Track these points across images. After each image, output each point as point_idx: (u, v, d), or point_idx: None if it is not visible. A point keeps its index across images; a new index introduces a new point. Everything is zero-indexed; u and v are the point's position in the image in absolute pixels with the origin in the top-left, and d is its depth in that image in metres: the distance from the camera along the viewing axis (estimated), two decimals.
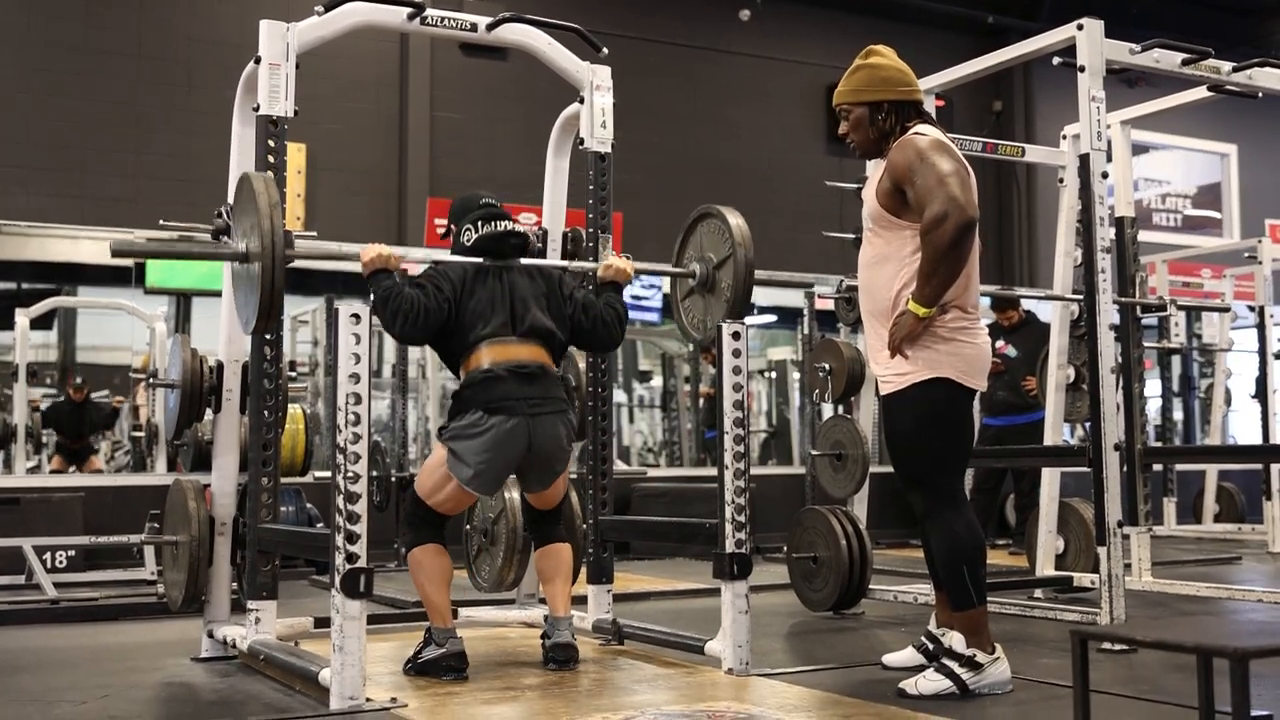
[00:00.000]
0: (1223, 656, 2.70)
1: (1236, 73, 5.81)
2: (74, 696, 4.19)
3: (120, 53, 11.52)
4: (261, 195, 4.10)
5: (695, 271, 4.93)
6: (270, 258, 4.04)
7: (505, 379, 4.35)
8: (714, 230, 4.87)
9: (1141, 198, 16.03)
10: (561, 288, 4.68)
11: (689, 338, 5.06)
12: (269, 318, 4.19)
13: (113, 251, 4.19)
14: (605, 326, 4.69)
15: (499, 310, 4.45)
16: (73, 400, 11.15)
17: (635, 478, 10.52)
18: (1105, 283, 5.14)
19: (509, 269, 4.56)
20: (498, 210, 4.64)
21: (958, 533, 3.96)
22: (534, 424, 4.35)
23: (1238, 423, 14.07)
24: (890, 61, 4.19)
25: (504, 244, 4.56)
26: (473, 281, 4.49)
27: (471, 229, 4.57)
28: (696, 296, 4.98)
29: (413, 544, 4.45)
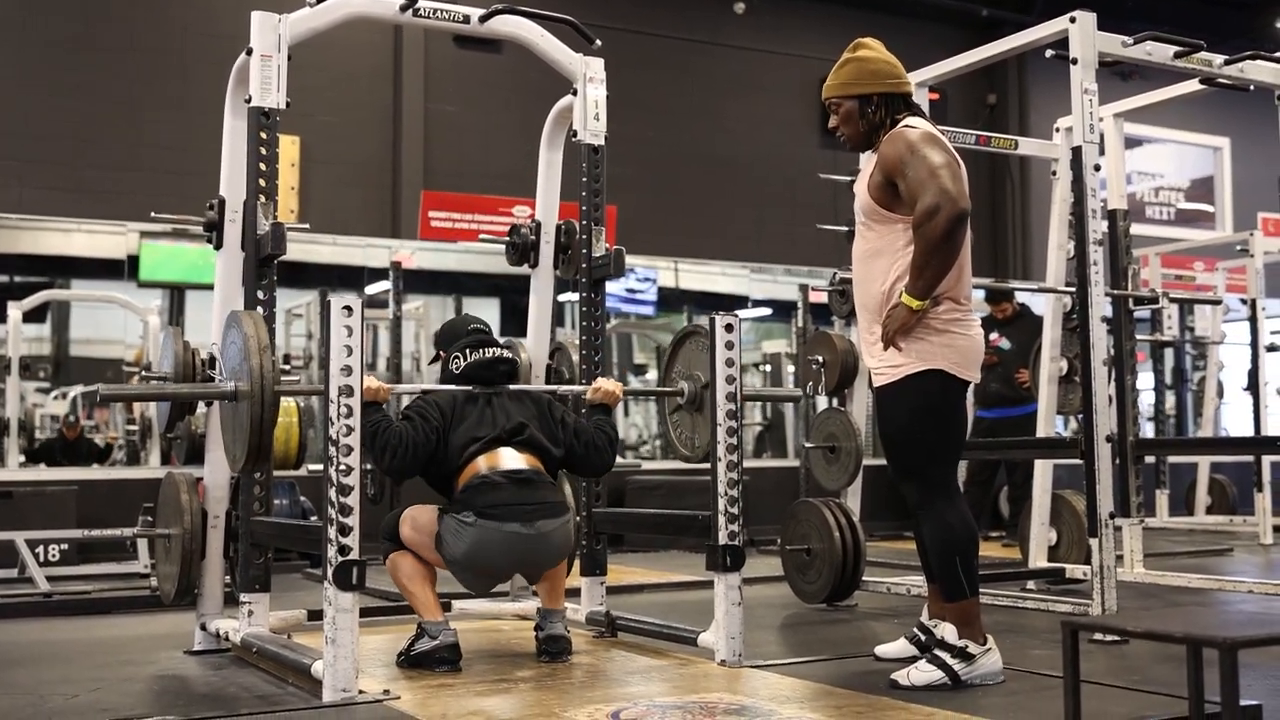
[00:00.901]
0: (1212, 647, 2.71)
1: (1229, 66, 5.82)
2: (66, 690, 4.19)
3: (115, 45, 11.51)
4: (251, 338, 4.02)
5: (684, 390, 4.92)
6: (260, 401, 3.97)
7: (502, 485, 4.33)
8: (700, 348, 4.81)
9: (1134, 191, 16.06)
10: (552, 411, 4.69)
11: (679, 456, 5.04)
12: (258, 459, 4.12)
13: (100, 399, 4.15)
14: (598, 451, 4.69)
15: (491, 427, 4.46)
16: (65, 438, 11.16)
17: (629, 470, 10.53)
18: (1098, 275, 5.15)
19: (499, 394, 4.57)
20: (486, 337, 4.68)
21: (950, 524, 3.97)
22: (529, 533, 4.30)
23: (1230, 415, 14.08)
24: (879, 54, 4.19)
25: (493, 371, 4.59)
26: (463, 407, 4.50)
27: (460, 357, 4.60)
28: (684, 414, 4.96)
29: (390, 550, 4.46)
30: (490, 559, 4.31)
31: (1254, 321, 9.83)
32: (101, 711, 3.80)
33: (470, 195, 12.63)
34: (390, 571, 4.46)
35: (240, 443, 4.10)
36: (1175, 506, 11.11)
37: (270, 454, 4.22)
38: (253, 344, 4.01)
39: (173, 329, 5.05)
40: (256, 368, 3.97)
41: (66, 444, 11.14)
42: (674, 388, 4.93)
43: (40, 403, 11.72)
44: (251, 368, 3.98)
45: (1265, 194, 13.82)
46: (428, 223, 12.32)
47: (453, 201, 12.55)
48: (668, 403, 5.05)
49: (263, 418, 3.98)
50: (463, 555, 4.28)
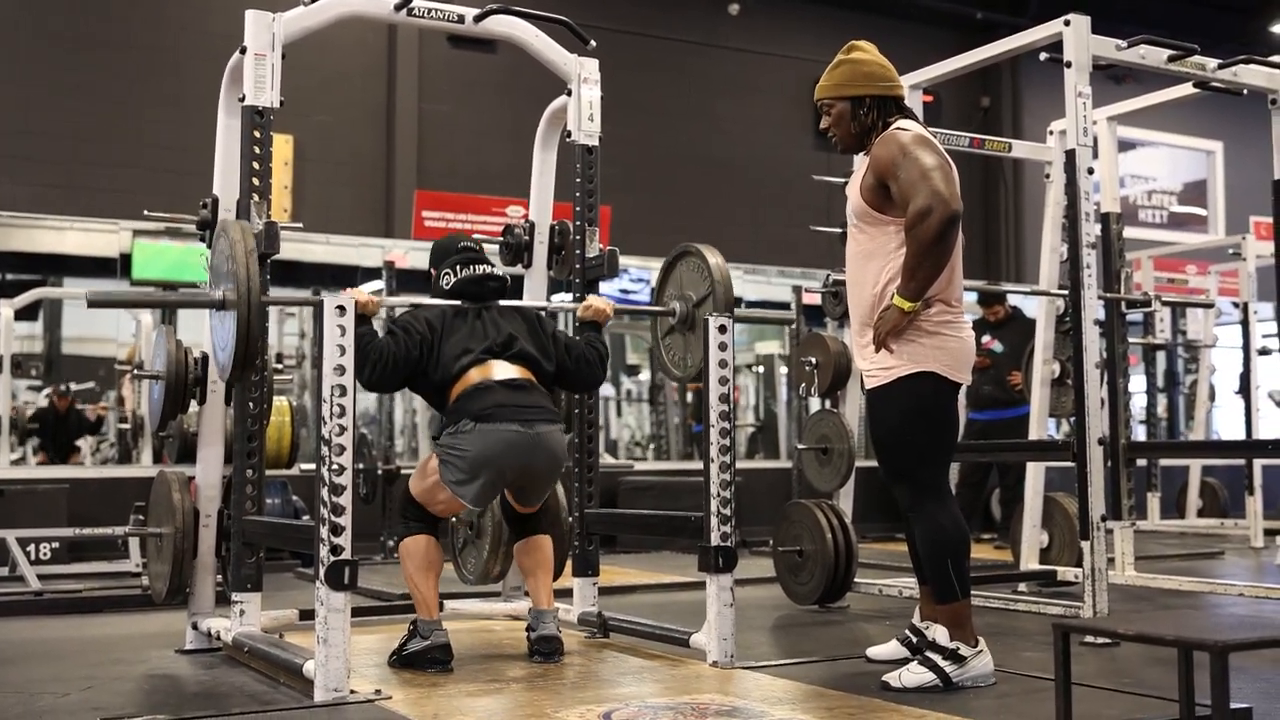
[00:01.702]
0: (1203, 650, 2.72)
1: (1222, 70, 5.83)
2: (57, 688, 4.18)
3: (110, 43, 11.50)
4: (238, 244, 4.07)
5: (675, 310, 4.93)
6: (246, 305, 4.01)
7: (495, 389, 4.35)
8: (693, 268, 4.86)
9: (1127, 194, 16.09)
10: (542, 325, 4.69)
11: (670, 376, 5.06)
12: (245, 366, 4.16)
13: (89, 303, 4.18)
14: (589, 366, 4.70)
15: (481, 341, 4.46)
16: (57, 409, 11.14)
17: (622, 471, 10.53)
18: (1091, 278, 5.15)
19: (489, 308, 4.58)
20: (477, 254, 4.67)
21: (942, 526, 3.97)
22: (529, 434, 4.31)
23: (1221, 418, 14.12)
24: (872, 56, 4.20)
25: (483, 287, 4.59)
26: (453, 320, 4.51)
27: (450, 273, 4.60)
28: (677, 334, 4.98)
29: (404, 534, 4.44)
30: (491, 459, 4.28)
31: (1246, 325, 9.86)
32: (92, 710, 3.80)
33: (464, 195, 12.63)
34: (401, 557, 4.44)
35: (227, 351, 4.15)
36: (1167, 509, 11.13)
37: (256, 362, 4.24)
38: (239, 250, 4.06)
39: (165, 327, 5.05)
40: (243, 274, 4.01)
41: (58, 416, 11.11)
42: (666, 308, 4.95)
43: (32, 401, 11.69)
44: (238, 274, 4.02)
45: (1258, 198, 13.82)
46: (421, 222, 12.31)
47: (446, 201, 12.55)
48: (660, 325, 5.07)
49: (249, 323, 4.03)
50: (466, 463, 4.27)
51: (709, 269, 4.81)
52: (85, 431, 11.36)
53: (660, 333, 5.10)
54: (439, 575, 4.43)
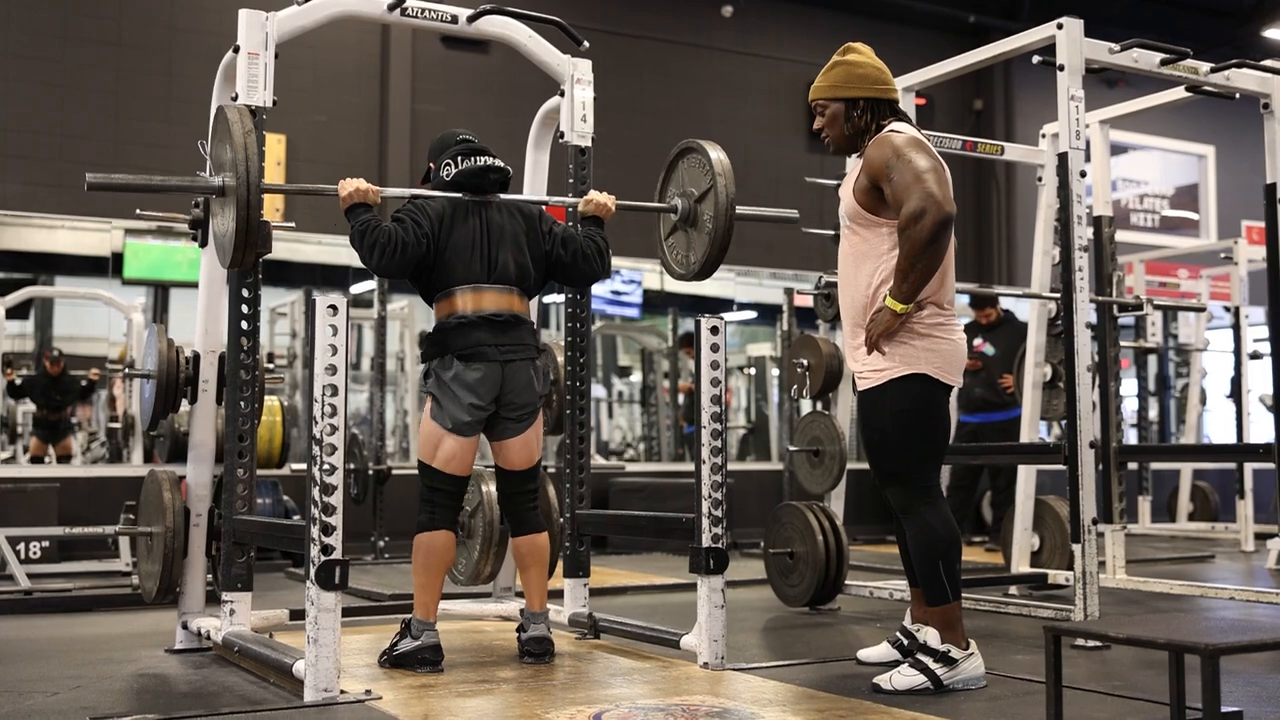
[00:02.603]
0: (1194, 653, 2.72)
1: (1214, 73, 5.83)
2: (46, 688, 4.17)
3: (101, 41, 11.47)
4: (236, 125, 4.10)
5: (677, 206, 4.90)
6: (245, 186, 4.03)
7: (479, 326, 4.37)
8: (695, 165, 4.84)
9: (1119, 198, 16.10)
10: (541, 223, 4.66)
11: (672, 274, 5.02)
12: (247, 247, 4.14)
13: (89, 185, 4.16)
14: (586, 260, 4.66)
15: (476, 253, 4.44)
16: (49, 373, 11.10)
17: (613, 472, 10.53)
18: (1083, 282, 5.16)
19: (488, 205, 4.54)
20: (477, 145, 4.61)
21: (934, 528, 3.97)
22: (505, 369, 4.39)
23: (1212, 422, 14.14)
24: (867, 59, 4.20)
25: (484, 179, 4.54)
26: (451, 219, 4.47)
27: (451, 164, 4.55)
28: (680, 233, 4.95)
29: (426, 525, 4.39)
30: (474, 391, 4.34)
31: (1237, 329, 9.88)
32: (81, 709, 3.79)
33: None
34: (415, 548, 4.40)
35: (229, 236, 4.15)
36: (1158, 513, 11.16)
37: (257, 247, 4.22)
38: (238, 132, 4.07)
39: (157, 326, 5.03)
40: (242, 157, 4.04)
41: (50, 380, 11.09)
42: (668, 204, 4.94)
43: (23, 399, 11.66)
44: (236, 158, 4.04)
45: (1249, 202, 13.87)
46: None
47: None
48: (663, 226, 5.05)
49: (250, 205, 4.04)
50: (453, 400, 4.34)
51: (710, 164, 4.75)
52: (78, 397, 11.32)
53: (663, 232, 5.07)
54: (445, 573, 4.42)
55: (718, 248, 4.74)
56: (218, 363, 4.88)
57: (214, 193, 4.25)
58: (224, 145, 4.19)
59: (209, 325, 4.93)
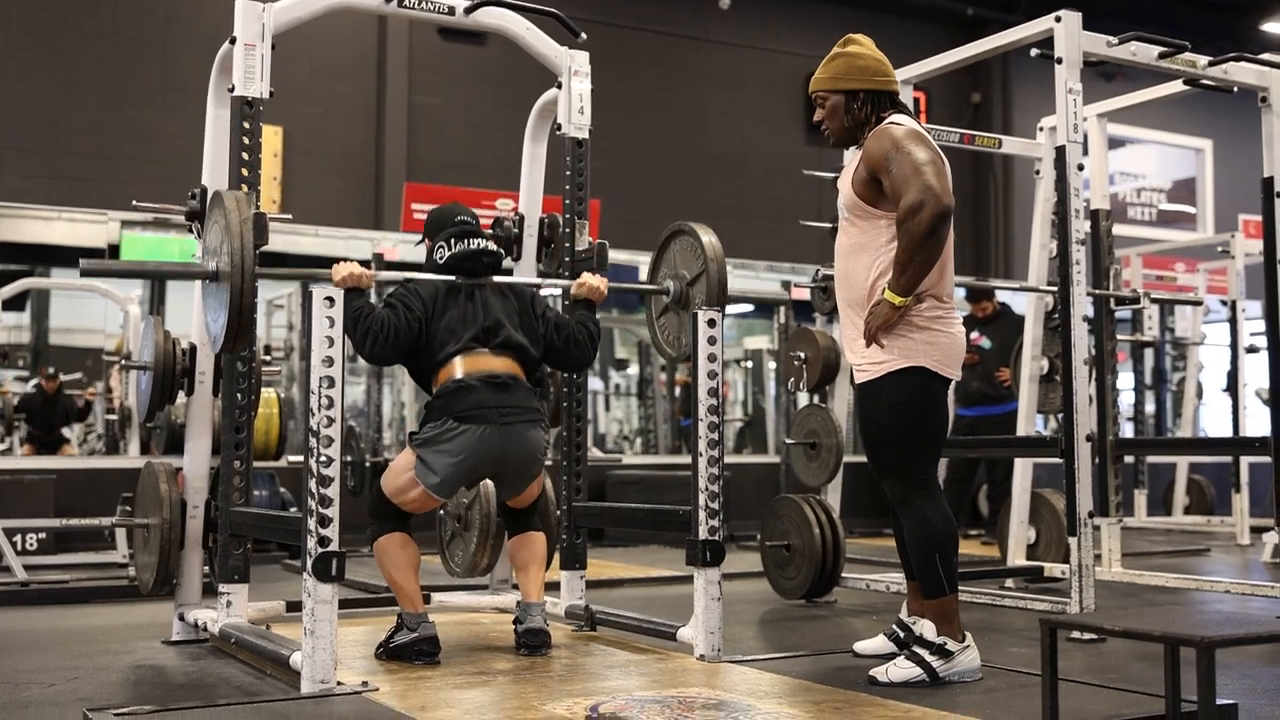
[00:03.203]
0: (1190, 646, 2.72)
1: (1213, 67, 5.83)
2: (43, 679, 4.17)
3: (96, 32, 11.46)
4: (232, 213, 4.05)
5: (669, 288, 4.92)
6: (240, 277, 4.00)
7: (477, 388, 4.34)
8: (687, 247, 4.85)
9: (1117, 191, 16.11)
10: (534, 306, 4.67)
11: (664, 354, 5.05)
12: (237, 338, 4.14)
13: (81, 272, 4.16)
14: (578, 346, 4.69)
15: (471, 326, 4.44)
16: (45, 392, 11.10)
17: (610, 465, 10.52)
18: (1080, 275, 5.16)
19: (481, 287, 4.55)
20: (472, 228, 4.63)
21: (931, 521, 3.97)
22: (506, 433, 4.33)
23: (1209, 416, 14.15)
24: (868, 51, 4.19)
25: (477, 262, 4.56)
26: (445, 299, 4.48)
27: (445, 246, 4.57)
28: (671, 314, 4.97)
29: (377, 534, 4.42)
30: (470, 458, 4.30)
31: (1234, 323, 9.88)
32: (78, 701, 3.79)
33: (453, 188, 12.61)
34: (377, 556, 4.43)
35: (219, 323, 4.14)
36: (1154, 506, 11.17)
37: (249, 335, 4.23)
38: (234, 220, 4.05)
39: (153, 318, 5.03)
40: (237, 245, 4.01)
41: (46, 399, 11.09)
42: (660, 286, 4.94)
43: (19, 391, 11.66)
44: (232, 245, 4.01)
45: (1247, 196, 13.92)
46: (410, 215, 12.29)
47: (436, 194, 12.52)
48: (654, 305, 5.05)
49: (243, 293, 4.02)
50: (444, 465, 4.29)
51: (702, 248, 4.79)
52: (73, 418, 11.33)
53: (654, 312, 5.09)
54: (418, 569, 4.42)
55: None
56: (214, 355, 4.87)
57: (208, 277, 4.21)
58: (219, 230, 4.14)
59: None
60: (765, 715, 3.43)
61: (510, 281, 4.71)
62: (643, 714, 3.39)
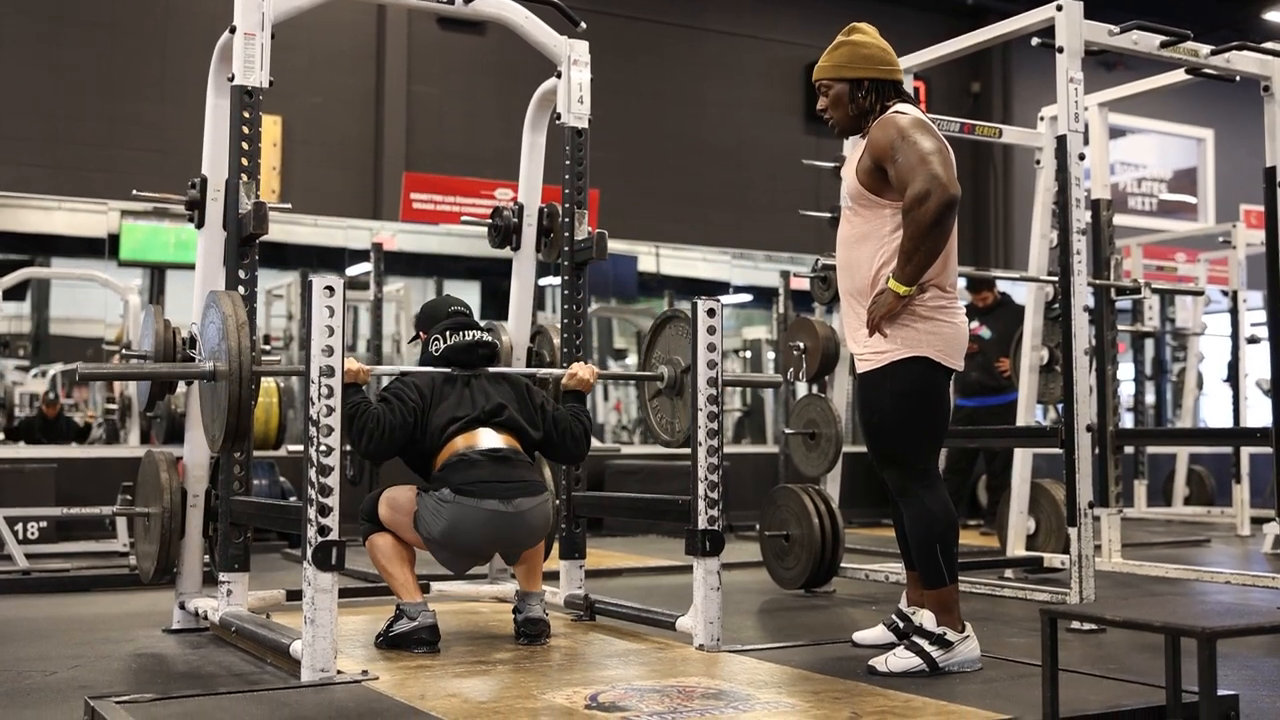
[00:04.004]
0: (1190, 636, 2.72)
1: (1214, 56, 5.82)
2: (44, 667, 4.17)
3: (95, 22, 11.45)
4: (229, 318, 3.99)
5: (663, 375, 4.89)
6: (238, 381, 3.94)
7: (480, 463, 4.33)
8: (680, 333, 4.80)
9: (1118, 181, 16.10)
10: (530, 395, 4.67)
11: (659, 440, 5.02)
12: (236, 439, 4.08)
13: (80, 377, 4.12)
14: (574, 440, 4.68)
15: (470, 408, 4.45)
16: (45, 416, 11.11)
17: (609, 455, 10.52)
18: (1080, 265, 5.15)
19: (478, 376, 4.56)
20: (466, 319, 4.66)
21: (931, 511, 3.97)
22: (508, 511, 4.29)
23: (1209, 406, 14.15)
24: (873, 39, 4.18)
25: (473, 354, 4.57)
26: (441, 388, 4.49)
27: (440, 339, 4.58)
28: (664, 398, 4.94)
29: (369, 532, 4.44)
30: (468, 537, 4.29)
31: (1235, 313, 9.87)
32: (79, 689, 3.79)
33: (452, 177, 12.61)
34: (369, 552, 4.45)
35: (219, 423, 4.08)
36: (1154, 497, 11.18)
37: (248, 434, 4.19)
38: (231, 324, 3.99)
39: (153, 308, 5.03)
40: (234, 348, 3.95)
41: (46, 422, 11.10)
42: (654, 373, 4.93)
43: (20, 381, 11.66)
44: (230, 348, 3.95)
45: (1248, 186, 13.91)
46: (409, 204, 12.28)
47: (435, 183, 12.52)
48: (648, 388, 5.04)
49: (240, 398, 3.96)
50: (440, 534, 4.28)
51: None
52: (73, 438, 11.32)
53: (647, 395, 5.07)
54: (411, 561, 4.43)
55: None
56: None
57: (204, 378, 4.16)
58: (216, 331, 4.08)
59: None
60: (764, 705, 3.43)
61: (506, 372, 4.73)
62: (642, 703, 3.39)
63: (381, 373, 4.86)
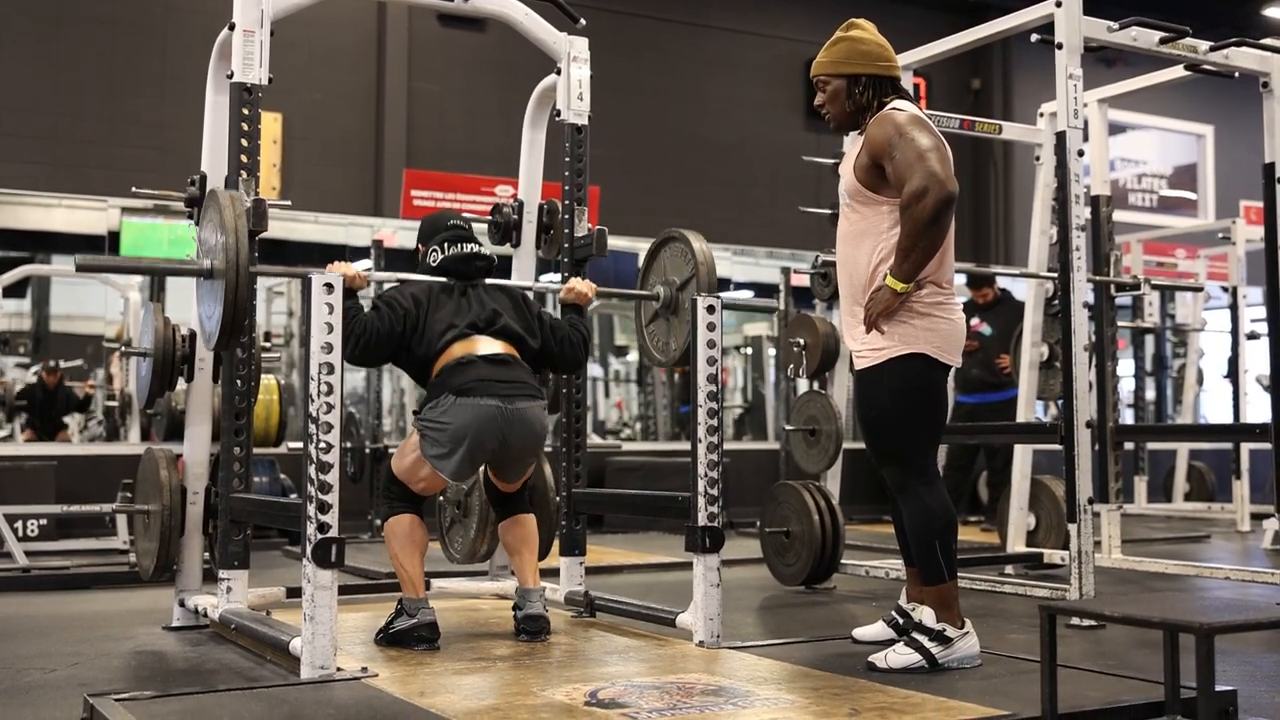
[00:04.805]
0: (1189, 632, 2.72)
1: (1214, 52, 5.82)
2: (44, 664, 4.18)
3: (96, 19, 11.44)
4: (227, 210, 4.08)
5: (659, 294, 4.92)
6: (235, 274, 4.03)
7: (477, 364, 4.35)
8: (677, 254, 4.86)
9: (1117, 177, 16.09)
10: (528, 305, 4.70)
11: (653, 361, 5.06)
12: (232, 334, 4.17)
13: (78, 268, 4.17)
14: (572, 347, 4.72)
15: (467, 316, 4.47)
16: (46, 385, 11.11)
17: (610, 451, 10.53)
18: (1080, 261, 5.15)
19: (474, 287, 4.58)
20: (465, 232, 4.66)
21: (930, 507, 3.97)
22: (508, 409, 4.32)
23: (1209, 402, 14.14)
24: (871, 35, 4.18)
25: (470, 265, 4.58)
26: (438, 297, 4.51)
27: (438, 250, 4.59)
28: (661, 320, 4.97)
29: (388, 514, 4.44)
30: (470, 433, 4.28)
31: (1235, 309, 9.87)
32: (79, 686, 3.80)
33: (453, 174, 12.60)
34: (386, 536, 4.44)
35: (215, 319, 4.17)
36: (1154, 493, 11.17)
37: (244, 330, 4.27)
38: (228, 218, 4.08)
39: (153, 305, 5.03)
40: (232, 243, 4.04)
41: (47, 392, 11.10)
42: (650, 292, 4.96)
43: (20, 378, 11.67)
44: (227, 244, 4.04)
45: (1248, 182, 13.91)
46: (410, 201, 12.27)
47: (435, 180, 12.51)
48: (644, 314, 5.07)
49: (238, 291, 4.06)
50: (445, 436, 4.28)
51: (693, 253, 4.82)
52: (74, 409, 11.34)
53: (644, 319, 5.09)
54: (424, 554, 4.44)
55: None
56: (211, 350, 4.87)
57: (203, 275, 4.22)
58: (214, 228, 4.15)
59: None
60: (764, 701, 3.43)
61: (502, 284, 4.72)
62: (642, 700, 3.39)
63: (380, 279, 4.84)
